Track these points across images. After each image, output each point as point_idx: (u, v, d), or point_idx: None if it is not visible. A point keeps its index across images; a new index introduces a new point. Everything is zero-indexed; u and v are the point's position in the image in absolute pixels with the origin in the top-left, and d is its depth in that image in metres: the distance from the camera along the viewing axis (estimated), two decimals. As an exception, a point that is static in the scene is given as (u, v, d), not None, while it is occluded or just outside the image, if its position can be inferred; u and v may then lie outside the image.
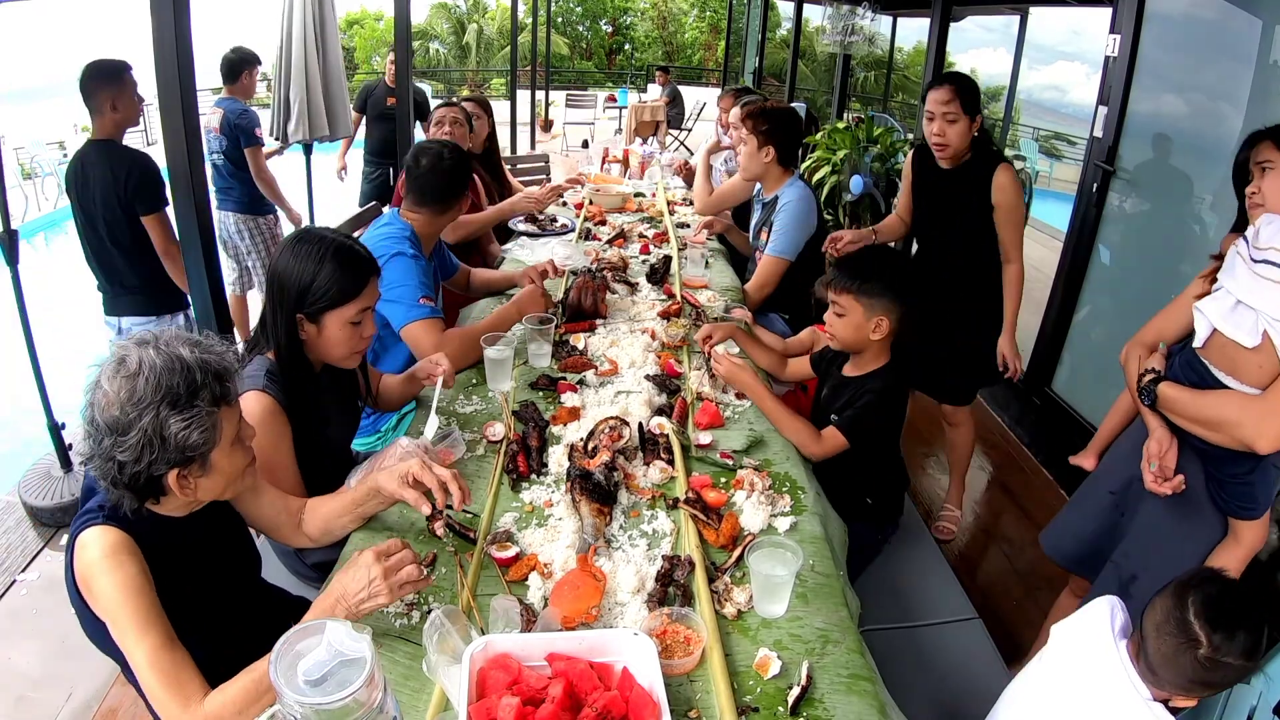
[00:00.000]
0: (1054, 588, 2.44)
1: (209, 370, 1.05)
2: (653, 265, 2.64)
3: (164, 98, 1.77)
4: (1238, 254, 1.38)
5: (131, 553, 1.05)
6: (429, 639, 1.03)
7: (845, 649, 1.17)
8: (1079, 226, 3.15)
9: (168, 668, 1.01)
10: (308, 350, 1.50)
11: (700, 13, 23.27)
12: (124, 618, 1.02)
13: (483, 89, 18.17)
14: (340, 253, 1.45)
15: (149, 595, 1.04)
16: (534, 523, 1.41)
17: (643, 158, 4.31)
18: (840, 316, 1.72)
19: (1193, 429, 1.42)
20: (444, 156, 2.09)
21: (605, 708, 0.94)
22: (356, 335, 1.50)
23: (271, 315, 1.47)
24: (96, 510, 1.08)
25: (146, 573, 1.06)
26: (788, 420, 1.70)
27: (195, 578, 1.16)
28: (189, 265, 1.94)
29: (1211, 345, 1.40)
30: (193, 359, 1.04)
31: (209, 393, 1.05)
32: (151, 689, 1.01)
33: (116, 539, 1.05)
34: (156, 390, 1.01)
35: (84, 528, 1.06)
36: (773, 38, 12.22)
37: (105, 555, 1.04)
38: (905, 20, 6.70)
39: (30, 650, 2.20)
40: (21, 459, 2.94)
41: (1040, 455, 3.31)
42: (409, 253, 1.99)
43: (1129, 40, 2.83)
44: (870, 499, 1.83)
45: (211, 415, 1.05)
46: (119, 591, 1.02)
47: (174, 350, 1.04)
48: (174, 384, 1.02)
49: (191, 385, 1.03)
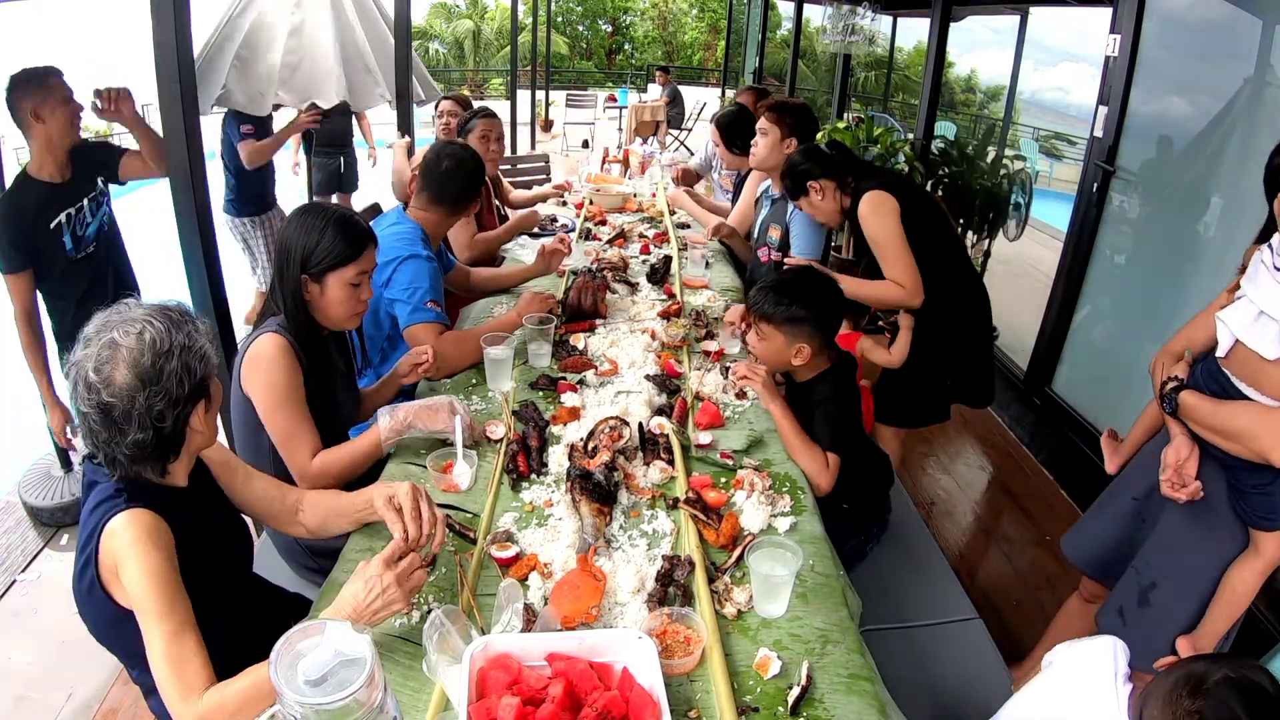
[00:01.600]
0: (1054, 588, 2.45)
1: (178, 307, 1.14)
2: (653, 265, 2.64)
3: (164, 98, 1.77)
4: (1261, 262, 1.35)
5: (164, 534, 1.07)
6: (429, 639, 1.03)
7: (845, 649, 1.17)
8: (1079, 226, 3.15)
9: (177, 656, 1.02)
10: (313, 312, 1.59)
11: (700, 13, 23.27)
12: (149, 601, 1.03)
13: (483, 89, 18.17)
14: (342, 220, 1.57)
15: (175, 579, 1.05)
16: (534, 523, 1.41)
17: (643, 158, 4.31)
18: (761, 340, 1.71)
19: (1212, 439, 1.41)
20: (465, 160, 2.11)
21: (605, 708, 0.94)
22: (355, 297, 1.60)
23: (279, 279, 1.57)
24: (116, 496, 1.09)
25: (174, 555, 1.07)
26: (805, 451, 1.65)
27: (203, 557, 1.16)
28: (189, 266, 1.94)
29: (1233, 356, 1.38)
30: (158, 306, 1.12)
31: (189, 325, 1.12)
32: (159, 673, 1.02)
33: (149, 521, 1.07)
34: (153, 345, 1.06)
35: (111, 514, 1.07)
36: (773, 38, 12.21)
37: (138, 539, 1.04)
38: (905, 20, 6.70)
39: (30, 650, 2.20)
40: (21, 459, 2.94)
41: (1040, 455, 3.31)
42: (422, 254, 2.00)
43: (1129, 40, 2.83)
44: (846, 504, 1.77)
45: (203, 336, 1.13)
46: (147, 575, 1.03)
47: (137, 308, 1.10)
48: (160, 329, 1.08)
49: (173, 321, 1.10)
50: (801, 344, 1.66)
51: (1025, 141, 4.65)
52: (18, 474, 2.82)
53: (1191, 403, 1.42)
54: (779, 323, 1.66)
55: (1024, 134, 4.66)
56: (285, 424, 1.52)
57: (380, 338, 2.08)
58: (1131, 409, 1.93)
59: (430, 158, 2.11)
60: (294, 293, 1.55)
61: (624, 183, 4.00)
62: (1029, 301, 3.62)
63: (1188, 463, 1.45)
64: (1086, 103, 3.30)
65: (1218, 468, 1.46)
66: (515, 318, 2.05)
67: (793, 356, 1.67)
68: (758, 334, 1.72)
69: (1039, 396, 3.40)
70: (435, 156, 2.10)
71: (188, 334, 1.10)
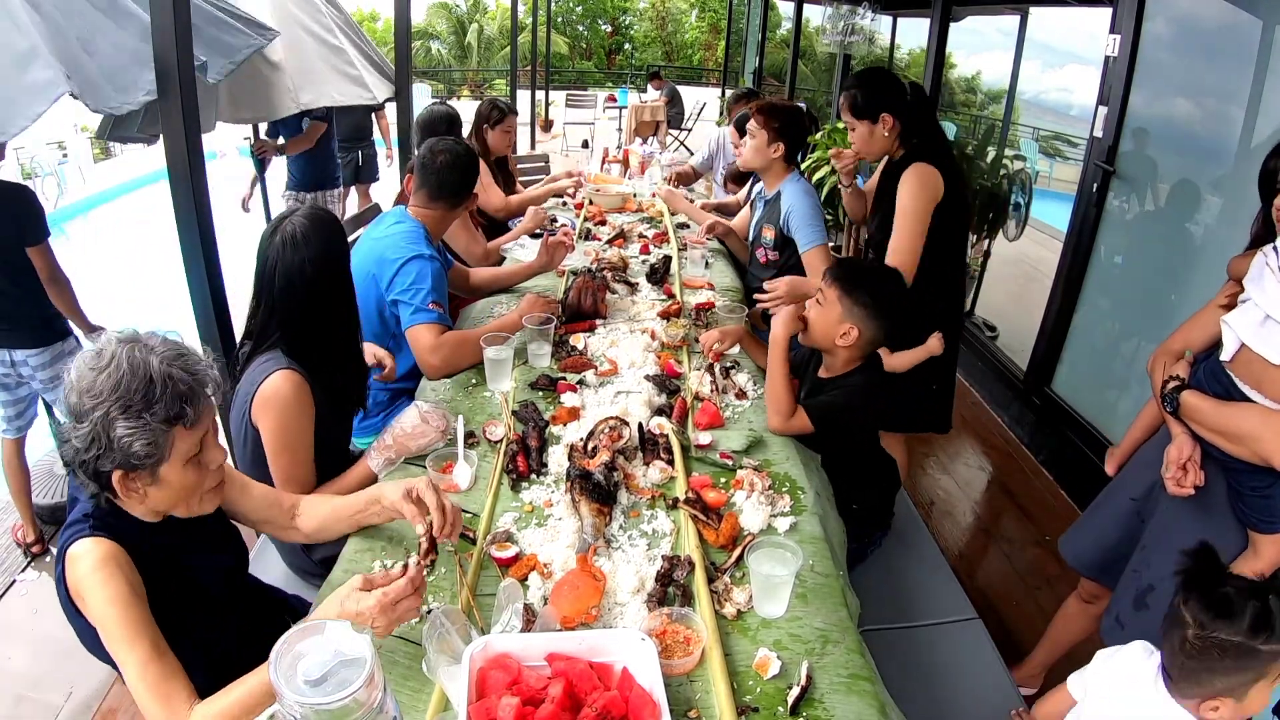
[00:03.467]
0: (1054, 587, 2.45)
1: (173, 389, 1.03)
2: (653, 265, 2.64)
3: (164, 97, 1.77)
4: (1266, 265, 1.35)
5: (122, 563, 1.05)
6: (429, 639, 1.03)
7: (845, 649, 1.17)
8: (1079, 226, 3.15)
9: (155, 679, 1.01)
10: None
11: (700, 13, 23.27)
12: (114, 629, 1.02)
13: (483, 89, 18.17)
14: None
15: (139, 606, 1.04)
16: (534, 523, 1.41)
17: (642, 158, 4.31)
18: (819, 305, 1.73)
19: (1214, 440, 1.41)
20: (460, 154, 2.11)
21: (605, 708, 0.94)
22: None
23: (267, 314, 1.51)
24: (83, 520, 1.08)
25: (137, 583, 1.05)
26: (780, 383, 1.70)
27: (182, 579, 1.15)
28: (189, 267, 1.94)
29: (1238, 359, 1.38)
30: (160, 372, 1.03)
31: (164, 409, 1.02)
32: (141, 699, 1.01)
33: (107, 550, 1.05)
34: (113, 390, 1.00)
35: (73, 540, 1.06)
36: (773, 38, 12.20)
37: (95, 568, 1.03)
38: (905, 20, 6.69)
39: (30, 650, 2.20)
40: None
41: (1040, 455, 3.31)
42: (425, 253, 2.00)
43: (1129, 40, 2.83)
44: (856, 505, 1.81)
45: (160, 431, 1.03)
46: (109, 605, 1.02)
47: (145, 357, 1.03)
48: (131, 389, 1.01)
49: (148, 396, 1.01)
50: (852, 325, 1.67)
51: (1025, 141, 4.64)
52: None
53: (1194, 403, 1.42)
54: (843, 290, 1.68)
55: (1024, 134, 4.65)
56: (289, 466, 1.49)
57: (385, 336, 2.08)
58: (1131, 409, 1.93)
59: (425, 154, 2.11)
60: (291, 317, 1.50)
61: (624, 183, 4.00)
62: (1029, 301, 3.63)
63: (1188, 462, 1.45)
64: (1086, 103, 3.30)
65: (1217, 469, 1.46)
66: (516, 318, 2.05)
67: (840, 335, 1.69)
68: (819, 296, 1.73)
69: (1039, 396, 3.40)
70: (430, 153, 2.10)
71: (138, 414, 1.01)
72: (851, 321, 1.67)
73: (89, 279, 2.72)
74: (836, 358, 1.75)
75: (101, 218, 7.11)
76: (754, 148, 2.54)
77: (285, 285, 1.50)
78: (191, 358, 1.08)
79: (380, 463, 1.56)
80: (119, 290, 5.24)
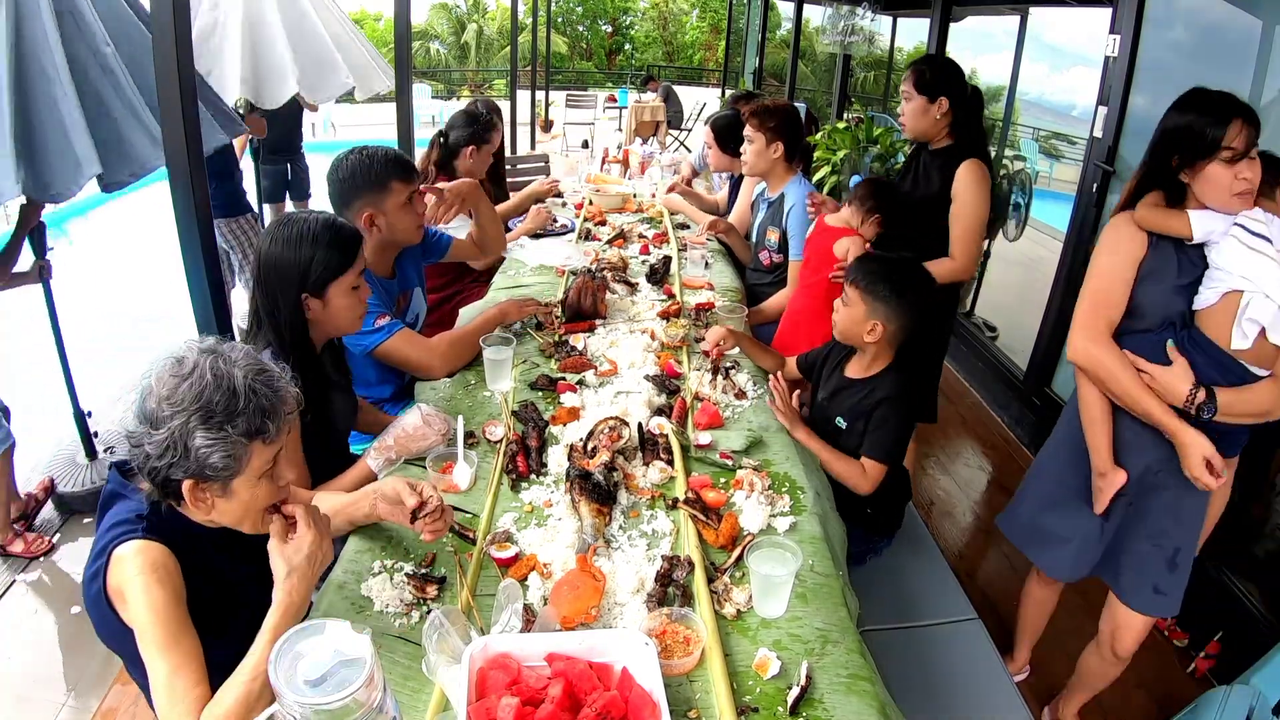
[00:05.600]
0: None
1: (255, 402, 1.04)
2: (653, 266, 2.64)
3: (164, 97, 1.77)
4: (1258, 252, 1.40)
5: (171, 570, 1.06)
6: (428, 639, 1.03)
7: (845, 649, 1.17)
8: (1079, 226, 3.16)
9: (182, 690, 1.01)
10: (312, 329, 1.55)
11: (700, 13, 23.28)
12: (152, 634, 1.02)
13: (483, 89, 18.17)
14: (327, 227, 1.52)
15: (180, 614, 1.04)
16: (533, 523, 1.41)
17: (642, 158, 4.31)
18: (844, 306, 1.77)
19: (1230, 420, 1.48)
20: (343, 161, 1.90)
21: (605, 708, 0.94)
22: (358, 299, 1.57)
23: (269, 303, 1.50)
24: (135, 521, 1.08)
25: (181, 590, 1.06)
26: (838, 463, 1.72)
27: (221, 588, 1.15)
28: (189, 268, 1.93)
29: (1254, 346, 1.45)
30: (244, 385, 1.03)
31: (245, 422, 1.03)
32: (158, 702, 1.02)
33: (158, 555, 1.05)
34: (195, 400, 1.01)
35: (123, 539, 1.06)
36: (773, 38, 12.22)
37: (144, 571, 1.03)
38: (905, 20, 6.69)
39: (30, 650, 2.20)
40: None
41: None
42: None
43: (1129, 40, 2.83)
44: (870, 509, 1.82)
45: (240, 445, 1.03)
46: (151, 611, 1.02)
47: (229, 369, 1.03)
48: (213, 401, 1.01)
49: (230, 409, 1.02)
50: (877, 322, 1.71)
51: (1025, 141, 4.64)
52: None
53: (1227, 400, 1.46)
54: (864, 290, 1.71)
55: (1024, 134, 4.65)
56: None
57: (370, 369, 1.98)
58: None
59: (329, 175, 1.93)
60: (292, 316, 1.49)
61: (624, 183, 4.00)
62: (1029, 302, 3.62)
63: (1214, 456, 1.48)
64: (1086, 103, 3.30)
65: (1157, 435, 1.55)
66: (501, 312, 2.05)
67: (866, 331, 1.72)
68: (843, 300, 1.77)
69: (1039, 396, 3.40)
70: (332, 170, 1.92)
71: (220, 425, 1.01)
72: (875, 318, 1.71)
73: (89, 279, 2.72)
74: (867, 354, 1.79)
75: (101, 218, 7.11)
76: (754, 152, 2.56)
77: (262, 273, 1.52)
78: (272, 373, 1.09)
79: (380, 463, 1.56)
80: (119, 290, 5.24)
